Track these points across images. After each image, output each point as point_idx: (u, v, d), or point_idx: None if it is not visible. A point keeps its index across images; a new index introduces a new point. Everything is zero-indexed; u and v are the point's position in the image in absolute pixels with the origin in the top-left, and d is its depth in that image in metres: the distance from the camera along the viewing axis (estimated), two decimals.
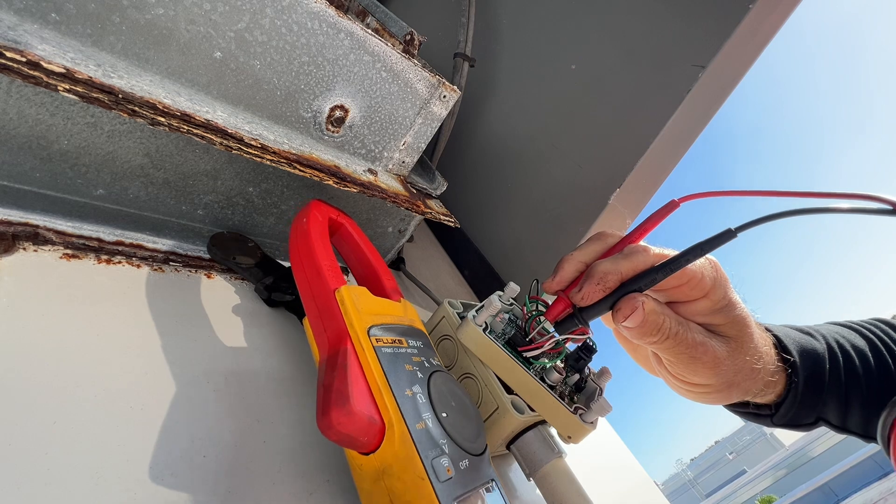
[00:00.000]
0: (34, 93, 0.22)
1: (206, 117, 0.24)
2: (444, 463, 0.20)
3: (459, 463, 0.21)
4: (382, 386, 0.21)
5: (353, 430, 0.19)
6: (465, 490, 0.21)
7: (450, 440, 0.22)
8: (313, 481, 0.23)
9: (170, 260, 0.29)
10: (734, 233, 0.23)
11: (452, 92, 0.35)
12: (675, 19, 0.44)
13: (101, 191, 0.27)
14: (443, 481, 0.20)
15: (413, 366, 0.24)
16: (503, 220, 0.58)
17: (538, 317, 0.30)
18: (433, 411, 0.22)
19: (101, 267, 0.26)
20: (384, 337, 0.23)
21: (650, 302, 0.25)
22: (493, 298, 0.31)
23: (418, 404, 0.22)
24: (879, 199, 0.20)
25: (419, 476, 0.19)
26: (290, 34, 0.27)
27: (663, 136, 0.43)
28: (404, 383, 0.22)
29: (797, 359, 0.31)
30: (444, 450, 0.21)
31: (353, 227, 0.32)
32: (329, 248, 0.27)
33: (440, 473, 0.20)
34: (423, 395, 0.22)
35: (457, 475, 0.20)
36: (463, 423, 0.24)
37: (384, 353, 0.22)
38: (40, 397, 0.19)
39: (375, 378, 0.21)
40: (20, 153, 0.24)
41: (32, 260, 0.24)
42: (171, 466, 0.20)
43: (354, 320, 0.22)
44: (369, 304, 0.25)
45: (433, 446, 0.20)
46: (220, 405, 0.24)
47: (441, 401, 0.23)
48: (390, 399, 0.21)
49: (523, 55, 0.58)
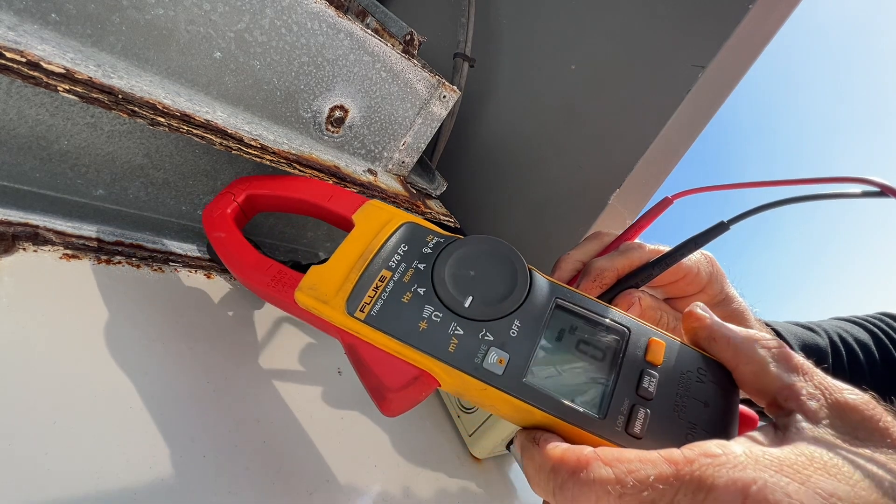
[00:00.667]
0: (34, 93, 0.22)
1: (206, 117, 0.24)
2: (493, 358, 0.20)
3: (510, 332, 0.20)
4: (397, 346, 0.20)
5: (408, 402, 0.20)
6: (530, 352, 0.20)
7: (487, 323, 0.21)
8: (313, 481, 0.23)
9: (169, 260, 0.29)
10: (727, 225, 0.24)
11: (452, 92, 0.35)
12: (675, 19, 0.44)
13: (100, 191, 0.27)
14: (502, 375, 0.19)
15: (409, 289, 0.22)
16: (503, 220, 0.58)
17: None
18: (455, 315, 0.21)
19: (101, 267, 0.26)
20: (365, 296, 0.21)
21: (647, 297, 0.25)
22: None
23: (437, 326, 0.20)
24: (867, 182, 0.20)
25: (481, 389, 0.19)
26: (289, 34, 0.27)
27: (663, 137, 0.43)
28: (412, 322, 0.21)
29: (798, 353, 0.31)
30: (487, 340, 0.20)
31: (260, 186, 0.28)
32: (253, 258, 0.24)
33: (495, 370, 0.19)
34: (438, 309, 0.21)
35: (513, 351, 0.20)
36: (494, 285, 0.22)
37: (375, 315, 0.21)
38: (40, 397, 0.19)
39: (387, 345, 0.20)
40: (20, 153, 0.24)
41: (32, 260, 0.24)
42: (171, 466, 0.20)
43: (327, 313, 0.21)
44: (329, 280, 0.22)
45: (475, 350, 0.20)
46: (219, 405, 0.24)
47: (458, 290, 0.21)
48: (411, 351, 0.20)
49: (523, 55, 0.58)
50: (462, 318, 0.21)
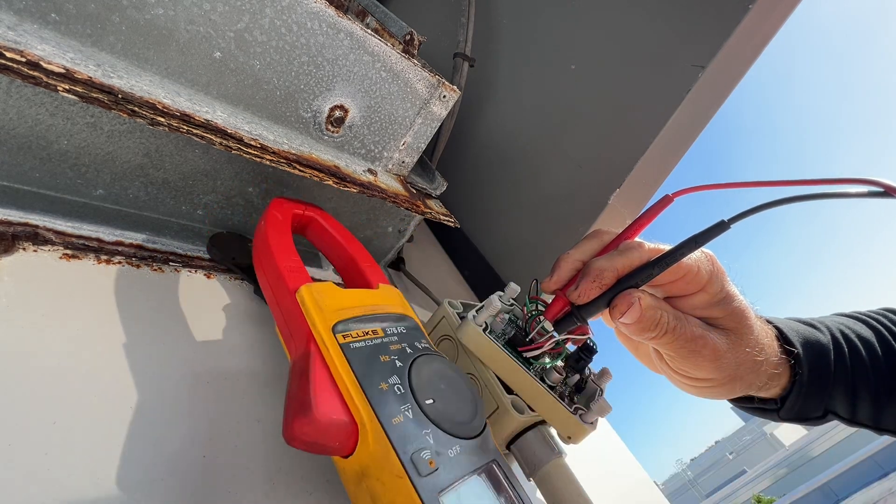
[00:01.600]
0: (34, 93, 0.22)
1: (206, 117, 0.24)
2: (426, 456, 0.19)
3: (448, 451, 0.20)
4: (351, 385, 0.20)
5: (318, 438, 0.18)
6: (456, 478, 0.20)
7: (435, 428, 0.21)
8: (313, 481, 0.23)
9: (169, 260, 0.29)
10: (727, 224, 0.24)
11: (452, 92, 0.35)
12: (675, 19, 0.44)
13: (100, 191, 0.27)
14: (425, 475, 0.18)
15: (390, 355, 0.22)
16: (503, 220, 0.58)
17: (538, 316, 0.30)
18: (414, 400, 0.21)
19: (101, 267, 0.26)
20: (354, 331, 0.22)
21: (647, 297, 0.25)
22: (493, 299, 0.31)
23: (395, 397, 0.20)
24: (872, 182, 0.20)
25: (397, 475, 0.18)
26: (289, 34, 0.27)
27: (663, 136, 0.43)
28: (378, 377, 0.21)
29: (800, 350, 0.31)
30: (427, 441, 0.20)
31: (326, 219, 0.31)
32: (290, 247, 0.25)
33: (421, 468, 0.19)
34: (403, 384, 0.21)
35: (444, 465, 0.19)
36: (455, 405, 0.22)
37: (353, 349, 0.21)
38: (40, 397, 0.19)
39: (343, 378, 0.20)
40: (20, 153, 0.24)
41: (32, 260, 0.24)
42: (170, 466, 0.20)
43: (317, 320, 0.21)
44: (336, 298, 0.23)
45: (413, 439, 0.19)
46: (220, 405, 0.24)
47: (425, 386, 0.22)
48: (360, 398, 0.19)
49: (523, 55, 0.58)
50: (418, 406, 0.21)
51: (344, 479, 0.21)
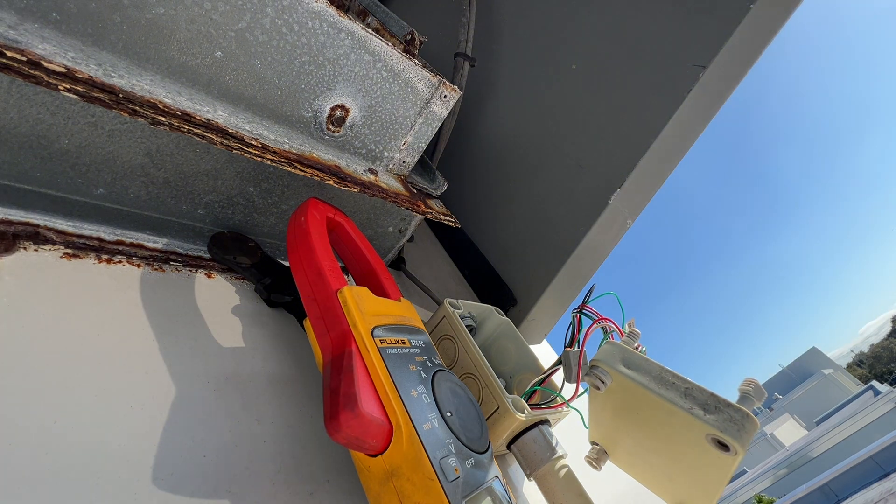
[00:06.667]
0: (35, 92, 0.22)
1: (207, 117, 0.24)
2: (452, 463, 0.20)
3: (466, 462, 0.21)
4: (389, 387, 0.21)
5: (362, 433, 0.19)
6: (473, 488, 0.21)
7: (455, 439, 0.22)
8: (313, 481, 0.23)
9: (170, 259, 0.29)
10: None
11: (453, 92, 0.35)
12: (675, 19, 0.44)
13: (101, 190, 0.27)
14: (451, 481, 0.20)
15: (416, 366, 0.24)
16: (503, 220, 0.58)
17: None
18: (438, 411, 0.22)
19: (102, 266, 0.26)
20: (388, 338, 0.23)
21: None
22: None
23: (424, 405, 0.22)
24: None
25: (429, 477, 0.19)
26: (290, 34, 0.27)
27: (664, 136, 0.43)
28: (409, 384, 0.22)
29: None
30: (450, 449, 0.21)
31: (351, 226, 0.32)
32: (328, 248, 0.26)
33: (448, 473, 0.20)
34: (428, 395, 0.22)
35: (464, 474, 0.21)
36: (467, 421, 0.24)
37: (389, 354, 0.22)
38: (40, 397, 0.19)
39: (381, 380, 0.21)
40: (21, 152, 0.24)
41: (33, 259, 0.24)
42: (171, 466, 0.20)
43: (358, 321, 0.22)
44: (371, 304, 0.25)
45: (440, 446, 0.21)
46: (220, 405, 0.24)
47: (445, 400, 0.23)
48: (397, 400, 0.21)
49: (524, 55, 0.58)
50: (441, 417, 0.22)
51: (366, 478, 0.21)
